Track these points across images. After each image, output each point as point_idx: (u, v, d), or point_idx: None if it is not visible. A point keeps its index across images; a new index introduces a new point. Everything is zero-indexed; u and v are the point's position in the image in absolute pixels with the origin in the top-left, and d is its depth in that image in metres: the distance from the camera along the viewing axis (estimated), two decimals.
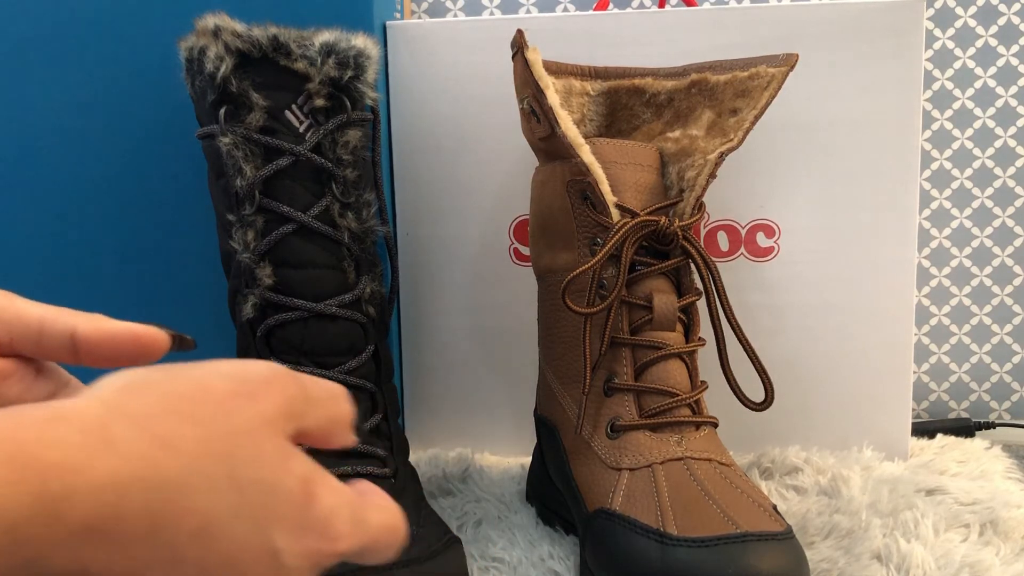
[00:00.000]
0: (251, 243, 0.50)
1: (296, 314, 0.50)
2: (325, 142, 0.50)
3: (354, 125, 0.51)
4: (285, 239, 0.50)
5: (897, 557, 0.47)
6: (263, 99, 0.49)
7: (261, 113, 0.49)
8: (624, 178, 0.50)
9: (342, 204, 0.51)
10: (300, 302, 0.50)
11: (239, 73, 0.48)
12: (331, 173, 0.50)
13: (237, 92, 0.48)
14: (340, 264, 0.51)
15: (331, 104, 0.50)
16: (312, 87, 0.49)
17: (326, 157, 0.50)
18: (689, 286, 0.50)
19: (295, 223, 0.50)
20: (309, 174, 0.50)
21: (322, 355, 0.51)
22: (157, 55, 0.60)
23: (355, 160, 0.51)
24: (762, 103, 0.49)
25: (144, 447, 0.22)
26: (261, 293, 0.50)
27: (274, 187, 0.49)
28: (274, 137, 0.49)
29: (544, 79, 0.49)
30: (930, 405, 0.79)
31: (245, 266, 0.50)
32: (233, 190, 0.49)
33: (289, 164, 0.49)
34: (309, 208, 0.50)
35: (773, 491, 0.57)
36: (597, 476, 0.48)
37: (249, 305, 0.50)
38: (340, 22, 0.60)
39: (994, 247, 0.76)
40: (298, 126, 0.50)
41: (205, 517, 0.22)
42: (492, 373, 0.67)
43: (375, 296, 0.53)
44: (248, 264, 0.50)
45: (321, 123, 0.50)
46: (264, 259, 0.50)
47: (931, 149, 0.75)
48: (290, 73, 0.49)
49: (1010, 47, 0.74)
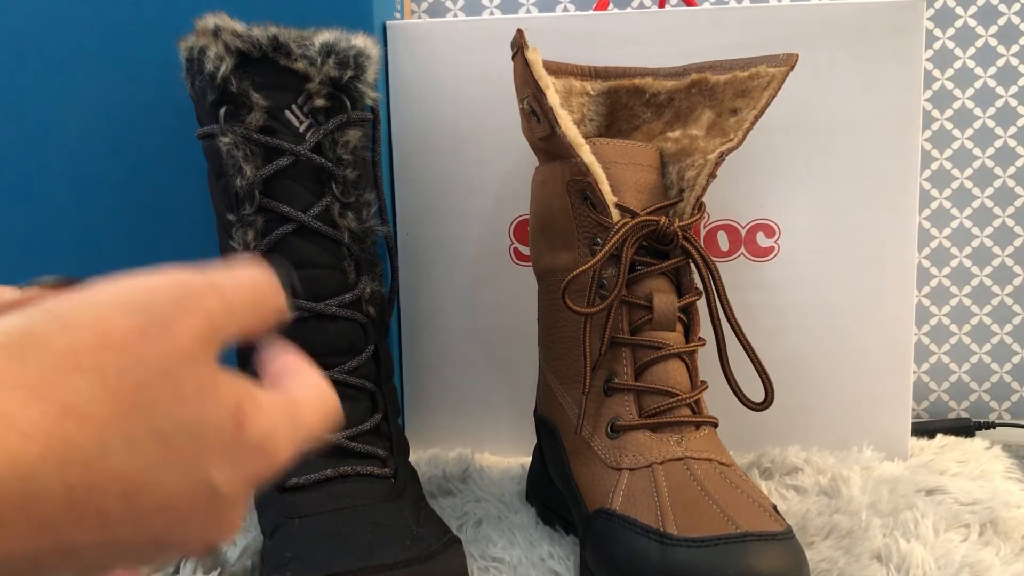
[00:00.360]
0: (251, 243, 0.50)
1: (296, 314, 0.50)
2: (325, 142, 0.50)
3: (354, 125, 0.51)
4: (285, 239, 0.50)
5: (897, 557, 0.47)
6: (263, 99, 0.49)
7: (261, 113, 0.49)
8: (624, 178, 0.50)
9: (342, 204, 0.51)
10: (301, 302, 0.50)
11: (239, 73, 0.48)
12: (331, 173, 0.50)
13: (237, 92, 0.48)
14: (340, 264, 0.51)
15: (331, 104, 0.50)
16: (312, 87, 0.49)
17: (326, 157, 0.50)
18: (689, 286, 0.50)
19: (295, 223, 0.50)
20: (309, 174, 0.50)
21: (322, 355, 0.51)
22: (157, 55, 0.60)
23: (355, 160, 0.51)
24: (762, 103, 0.49)
25: (47, 421, 0.19)
26: None
27: (274, 187, 0.49)
28: (274, 137, 0.49)
29: (544, 79, 0.49)
30: (930, 405, 0.79)
31: None
32: (233, 190, 0.49)
33: (289, 164, 0.49)
34: (309, 208, 0.50)
35: (773, 491, 0.57)
36: (597, 476, 0.48)
37: None
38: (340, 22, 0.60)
39: (994, 247, 0.76)
40: (298, 126, 0.50)
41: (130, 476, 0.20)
42: (492, 373, 0.67)
43: (375, 296, 0.53)
44: None
45: (321, 123, 0.50)
46: (264, 259, 0.50)
47: (931, 149, 0.75)
48: (290, 73, 0.49)
49: (1010, 47, 0.74)
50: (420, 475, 0.60)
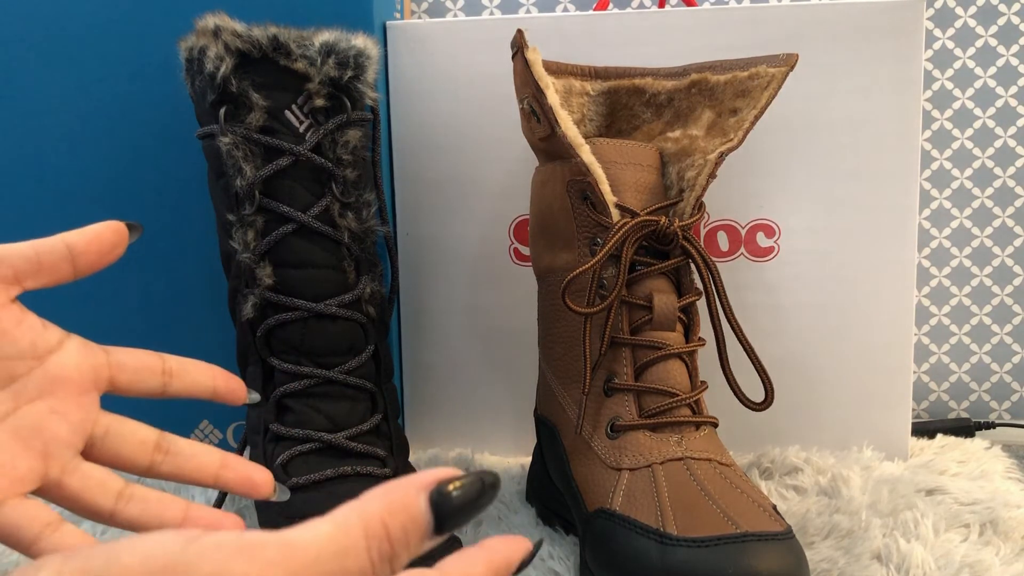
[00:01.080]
0: (251, 243, 0.50)
1: (296, 314, 0.50)
2: (325, 142, 0.50)
3: (354, 125, 0.51)
4: (285, 239, 0.50)
5: (897, 557, 0.47)
6: (263, 99, 0.49)
7: (261, 113, 0.49)
8: (624, 178, 0.50)
9: (342, 204, 0.51)
10: (300, 302, 0.50)
11: (239, 73, 0.48)
12: (331, 173, 0.50)
13: (237, 92, 0.48)
14: (340, 264, 0.51)
15: (331, 104, 0.50)
16: (312, 87, 0.49)
17: (326, 157, 0.50)
18: (689, 286, 0.50)
19: (295, 223, 0.50)
20: (309, 174, 0.50)
21: (322, 355, 0.51)
22: (157, 55, 0.60)
23: (355, 160, 0.51)
24: (762, 103, 0.49)
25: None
26: (261, 293, 0.50)
27: (274, 187, 0.49)
28: (274, 137, 0.49)
29: (544, 79, 0.49)
30: (930, 405, 0.79)
31: (245, 266, 0.50)
32: (233, 190, 0.49)
33: (289, 164, 0.49)
34: (309, 208, 0.50)
35: (773, 491, 0.57)
36: (597, 476, 0.48)
37: (249, 305, 0.50)
38: (340, 22, 0.60)
39: (994, 247, 0.76)
40: (298, 126, 0.50)
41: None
42: (492, 373, 0.67)
43: (375, 296, 0.53)
44: (248, 264, 0.50)
45: (321, 123, 0.50)
46: (264, 259, 0.50)
47: (931, 149, 0.75)
48: (290, 73, 0.49)
49: (1010, 47, 0.74)
50: None
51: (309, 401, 0.50)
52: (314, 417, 0.50)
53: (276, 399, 0.51)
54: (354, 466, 0.49)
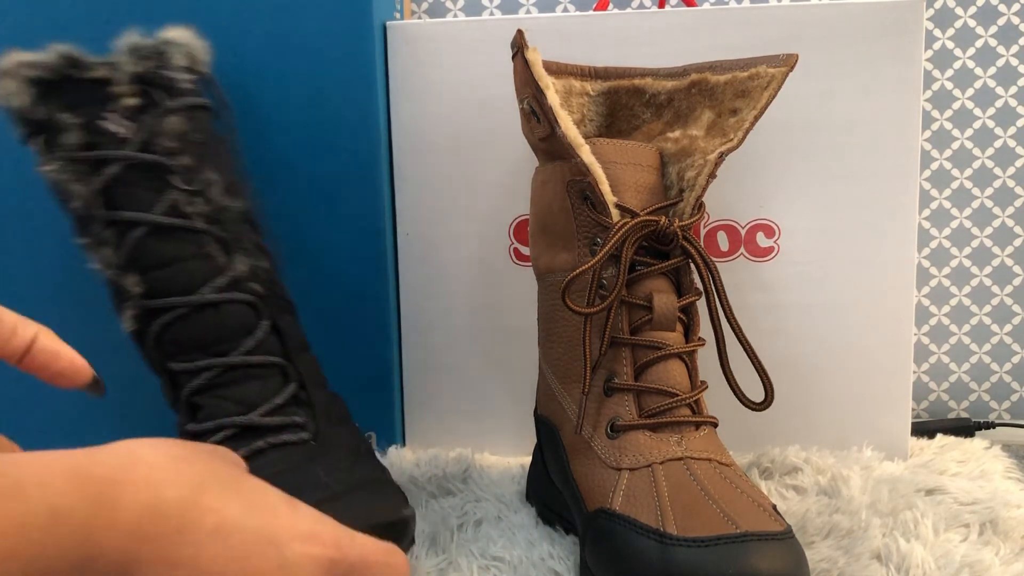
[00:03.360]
0: (110, 258, 0.49)
1: (175, 313, 0.50)
2: (150, 138, 0.49)
3: (173, 112, 0.50)
4: (140, 243, 0.49)
5: (897, 557, 0.47)
6: (73, 116, 0.48)
7: (76, 131, 0.48)
8: (624, 178, 0.50)
9: (188, 192, 0.50)
10: (174, 299, 0.50)
11: (41, 100, 0.48)
12: (165, 166, 0.50)
13: (46, 118, 0.48)
14: (203, 251, 0.51)
15: (146, 100, 0.50)
16: (118, 89, 0.49)
17: (155, 152, 0.49)
18: (689, 286, 0.50)
19: (145, 225, 0.49)
20: (144, 174, 0.49)
21: (214, 344, 0.50)
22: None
23: (186, 146, 0.50)
24: (762, 103, 0.49)
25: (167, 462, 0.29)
26: (136, 303, 0.50)
27: (114, 197, 0.49)
28: (97, 149, 0.49)
29: (544, 79, 0.49)
30: (930, 405, 0.79)
31: (112, 282, 0.50)
32: (76, 214, 0.49)
33: (120, 171, 0.49)
34: (154, 206, 0.49)
35: (773, 491, 0.57)
36: (597, 476, 0.48)
37: (128, 318, 0.50)
38: (340, 22, 0.60)
39: (994, 247, 0.76)
40: (118, 130, 0.49)
41: (221, 515, 0.29)
42: (492, 373, 0.67)
43: (257, 272, 0.52)
44: (114, 279, 0.50)
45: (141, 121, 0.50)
46: (127, 269, 0.50)
47: (931, 149, 0.75)
48: (91, 83, 0.48)
49: (1010, 47, 0.74)
50: (420, 475, 0.60)
51: (216, 392, 0.50)
52: (223, 405, 0.50)
53: (185, 400, 0.51)
54: (267, 439, 0.49)
